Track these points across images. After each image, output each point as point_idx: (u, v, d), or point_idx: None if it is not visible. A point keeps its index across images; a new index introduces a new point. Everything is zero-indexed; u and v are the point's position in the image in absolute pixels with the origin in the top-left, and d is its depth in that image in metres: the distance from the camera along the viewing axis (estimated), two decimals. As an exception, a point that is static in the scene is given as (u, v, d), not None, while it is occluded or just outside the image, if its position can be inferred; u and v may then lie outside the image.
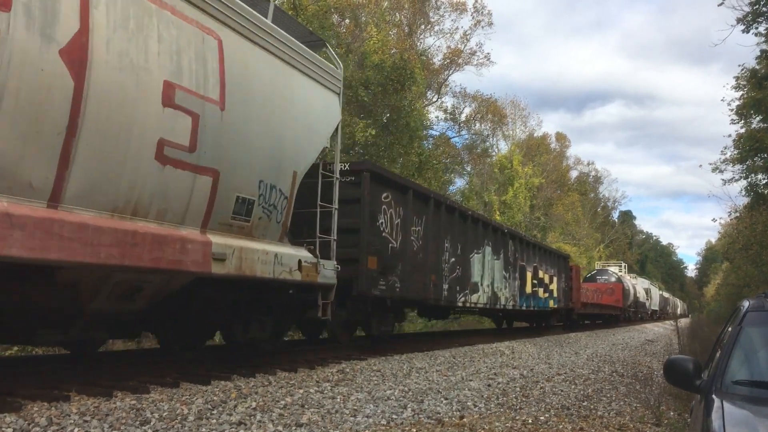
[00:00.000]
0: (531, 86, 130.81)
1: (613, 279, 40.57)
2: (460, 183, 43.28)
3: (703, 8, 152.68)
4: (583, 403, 8.58)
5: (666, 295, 75.84)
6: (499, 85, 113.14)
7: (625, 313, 41.51)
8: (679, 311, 79.87)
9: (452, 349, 13.48)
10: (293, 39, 8.67)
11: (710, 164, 26.72)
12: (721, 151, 26.26)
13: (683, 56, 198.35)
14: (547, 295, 23.40)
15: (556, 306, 24.44)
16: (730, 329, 4.13)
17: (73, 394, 5.94)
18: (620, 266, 51.03)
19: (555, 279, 24.58)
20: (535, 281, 21.88)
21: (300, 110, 8.69)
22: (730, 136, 25.05)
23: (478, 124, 42.88)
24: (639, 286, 51.08)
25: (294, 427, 5.81)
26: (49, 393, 5.80)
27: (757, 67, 21.43)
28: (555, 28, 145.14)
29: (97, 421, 5.13)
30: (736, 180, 25.45)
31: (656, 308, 60.65)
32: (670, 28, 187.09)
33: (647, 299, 53.76)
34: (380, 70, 24.71)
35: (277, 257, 8.06)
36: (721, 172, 26.08)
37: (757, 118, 23.00)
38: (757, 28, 19.26)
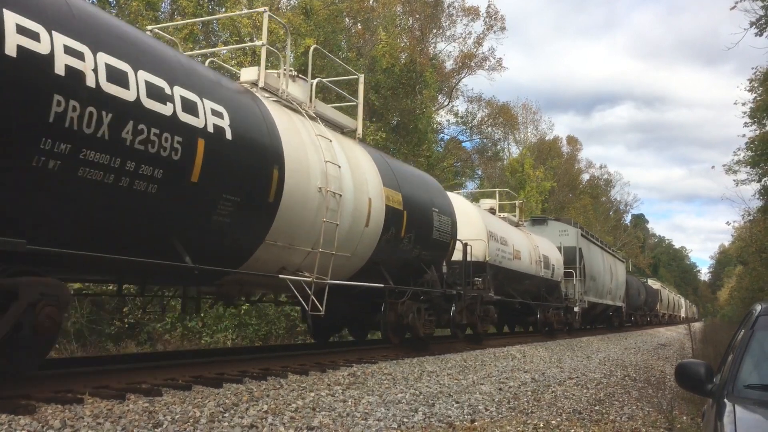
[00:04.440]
0: (539, 88, 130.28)
1: None
2: (471, 186, 43.25)
3: (712, 8, 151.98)
4: (595, 408, 8.55)
5: (655, 285, 50.13)
6: (507, 87, 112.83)
7: None
8: (683, 313, 66.25)
9: (463, 352, 13.46)
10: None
11: (723, 166, 26.55)
12: (734, 153, 26.08)
13: (693, 57, 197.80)
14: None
15: None
16: (742, 333, 4.11)
17: (86, 397, 5.99)
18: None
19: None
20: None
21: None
22: (744, 136, 24.82)
23: (489, 128, 42.83)
24: (544, 239, 22.18)
25: (305, 430, 5.83)
26: (62, 396, 5.85)
27: (771, 69, 21.32)
28: (562, 29, 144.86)
29: (111, 424, 5.18)
30: (750, 182, 25.29)
31: (618, 303, 31.26)
32: (679, 29, 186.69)
33: (578, 281, 23.59)
34: (390, 74, 24.79)
35: None
36: (735, 173, 25.91)
37: (771, 122, 22.88)
38: (770, 31, 19.17)
